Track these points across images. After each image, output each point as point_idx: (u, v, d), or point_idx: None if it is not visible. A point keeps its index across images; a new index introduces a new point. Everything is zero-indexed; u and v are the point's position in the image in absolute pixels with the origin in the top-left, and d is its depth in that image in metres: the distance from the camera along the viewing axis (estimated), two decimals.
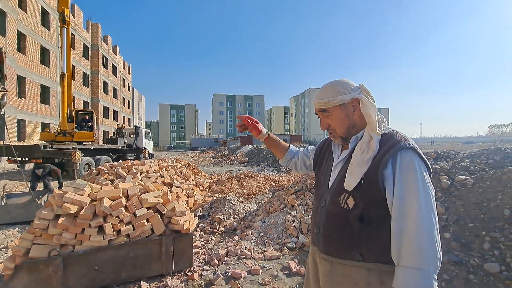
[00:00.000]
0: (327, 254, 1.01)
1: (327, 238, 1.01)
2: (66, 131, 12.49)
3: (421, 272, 0.79)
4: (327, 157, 1.16)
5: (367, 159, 0.91)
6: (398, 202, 0.85)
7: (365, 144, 0.95)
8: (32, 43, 18.47)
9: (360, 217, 0.92)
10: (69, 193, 2.62)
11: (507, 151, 4.64)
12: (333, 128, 1.04)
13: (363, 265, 0.92)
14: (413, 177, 0.85)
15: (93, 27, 29.24)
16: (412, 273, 0.80)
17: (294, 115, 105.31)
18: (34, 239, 2.41)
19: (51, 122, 19.85)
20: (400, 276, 0.82)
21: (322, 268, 1.03)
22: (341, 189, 0.97)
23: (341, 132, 1.02)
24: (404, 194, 0.85)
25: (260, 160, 16.92)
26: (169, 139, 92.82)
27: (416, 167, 0.87)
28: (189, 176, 7.87)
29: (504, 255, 2.29)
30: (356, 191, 0.92)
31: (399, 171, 0.87)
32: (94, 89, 28.96)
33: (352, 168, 0.94)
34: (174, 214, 2.89)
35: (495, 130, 69.93)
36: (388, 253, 0.88)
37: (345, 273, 0.95)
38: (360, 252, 0.93)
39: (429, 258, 0.80)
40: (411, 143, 0.90)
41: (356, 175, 0.92)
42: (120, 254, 2.57)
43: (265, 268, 2.96)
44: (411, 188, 0.84)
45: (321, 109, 1.03)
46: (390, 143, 0.91)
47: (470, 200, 2.88)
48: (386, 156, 0.88)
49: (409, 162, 0.87)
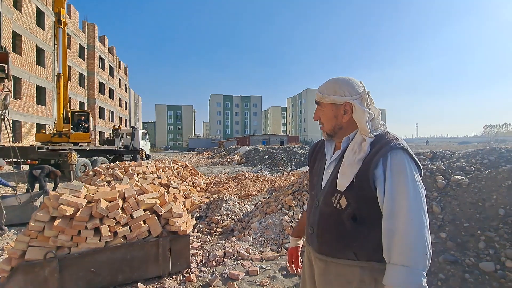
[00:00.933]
0: (321, 253, 1.02)
1: (321, 238, 1.02)
2: (62, 132, 12.39)
3: (411, 269, 0.81)
4: (319, 158, 1.17)
5: (358, 160, 0.93)
6: (389, 201, 0.87)
7: (357, 145, 0.96)
8: (28, 44, 18.32)
9: (353, 216, 0.94)
10: (65, 195, 2.60)
11: (502, 151, 4.70)
12: (322, 122, 1.08)
13: (356, 264, 0.94)
14: (403, 177, 0.87)
15: (89, 27, 29.08)
16: (401, 270, 0.82)
17: (291, 115, 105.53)
18: (30, 241, 2.39)
19: (47, 123, 19.71)
20: (390, 273, 0.84)
21: (317, 267, 1.04)
22: (333, 189, 0.98)
23: (327, 129, 1.06)
24: (395, 193, 0.87)
25: (258, 161, 16.93)
26: (166, 140, 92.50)
27: (406, 166, 0.88)
28: (186, 177, 7.85)
29: (498, 254, 2.31)
30: (348, 191, 0.93)
31: (389, 170, 0.89)
32: (90, 90, 28.79)
33: (344, 168, 0.95)
34: (171, 215, 2.88)
35: (490, 130, 70.66)
36: (380, 252, 0.90)
37: (339, 272, 0.96)
38: (353, 251, 0.94)
39: (418, 256, 0.81)
40: (402, 143, 0.91)
41: (348, 176, 0.93)
42: (116, 256, 2.56)
43: (263, 269, 2.96)
44: (401, 188, 0.86)
45: (316, 102, 1.08)
46: (380, 143, 0.92)
47: (465, 200, 2.90)
48: (377, 156, 0.90)
49: (399, 161, 0.89)
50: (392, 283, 0.83)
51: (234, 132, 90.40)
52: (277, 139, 51.07)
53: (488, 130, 71.31)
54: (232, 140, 52.15)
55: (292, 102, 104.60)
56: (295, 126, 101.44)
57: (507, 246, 2.33)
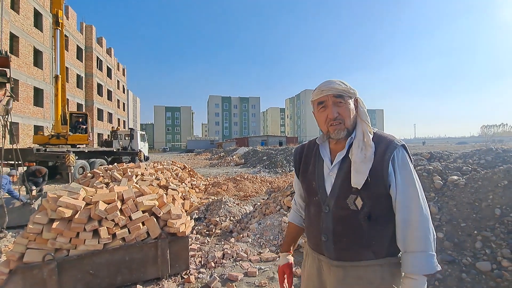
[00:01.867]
0: (339, 260, 0.99)
1: (339, 244, 0.98)
2: (60, 134, 12.35)
3: (427, 253, 0.89)
4: (313, 161, 1.12)
5: (369, 156, 0.94)
6: (401, 195, 0.94)
7: (361, 142, 0.98)
8: (25, 45, 18.27)
9: (368, 216, 0.95)
10: (64, 197, 2.60)
11: (498, 151, 4.73)
12: (342, 118, 0.99)
13: (375, 263, 0.95)
14: (409, 172, 0.95)
15: (87, 28, 29.03)
16: (420, 256, 0.89)
17: (290, 116, 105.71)
18: (28, 243, 2.38)
19: (45, 125, 19.63)
20: (410, 261, 0.90)
21: (334, 276, 1.00)
22: (346, 191, 0.97)
23: (349, 124, 1.00)
24: (405, 187, 0.94)
25: (256, 162, 16.93)
26: (164, 141, 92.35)
27: (408, 162, 0.97)
28: (185, 179, 7.84)
29: (495, 254, 2.33)
30: (363, 190, 0.94)
31: (397, 166, 0.95)
32: (88, 91, 28.72)
33: (357, 166, 0.95)
34: (170, 217, 2.88)
35: (487, 130, 71.14)
36: (394, 246, 0.96)
37: (358, 275, 0.96)
38: (372, 251, 0.95)
39: (431, 240, 0.90)
40: (401, 141, 0.99)
41: (363, 172, 0.94)
42: (115, 258, 2.55)
43: (262, 270, 2.96)
44: (409, 181, 0.94)
45: (338, 95, 0.98)
46: (385, 141, 0.97)
47: (462, 200, 2.93)
48: (388, 154, 0.94)
49: (403, 157, 0.96)
50: (413, 270, 0.89)
51: (233, 133, 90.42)
52: (276, 140, 51.13)
53: (485, 130, 71.86)
54: (231, 141, 52.17)
55: (291, 103, 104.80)
56: (293, 127, 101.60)
57: (503, 246, 2.35)
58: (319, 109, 1.03)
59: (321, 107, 1.02)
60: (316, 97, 1.02)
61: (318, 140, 1.12)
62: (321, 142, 1.10)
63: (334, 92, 0.98)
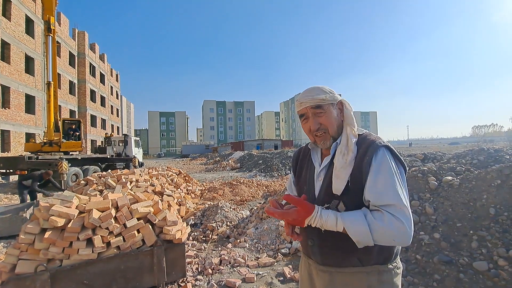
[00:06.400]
0: (325, 265, 0.99)
1: (324, 249, 0.99)
2: (52, 141, 12.17)
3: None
4: (306, 166, 1.13)
5: (349, 161, 0.94)
6: (370, 194, 0.90)
7: (344, 147, 0.97)
8: (16, 52, 18.04)
9: None
10: (56, 206, 2.54)
11: (490, 151, 4.81)
12: (325, 127, 1.00)
13: (362, 270, 0.93)
14: (384, 168, 0.89)
15: (79, 35, 28.82)
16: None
17: (285, 120, 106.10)
18: (20, 254, 2.32)
19: (36, 132, 19.31)
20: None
21: (321, 280, 1.01)
22: (329, 196, 0.97)
23: (333, 132, 1.00)
24: (382, 188, 0.88)
25: (252, 166, 16.90)
26: (159, 146, 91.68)
27: (389, 161, 0.91)
28: (181, 184, 7.78)
29: (491, 253, 2.35)
30: (345, 195, 0.94)
31: (373, 167, 0.90)
32: (81, 98, 28.41)
33: (337, 172, 0.95)
34: (165, 223, 2.84)
35: (478, 130, 72.40)
36: (383, 253, 0.93)
37: (345, 281, 0.95)
38: (357, 257, 0.94)
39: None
40: (385, 142, 0.95)
41: (343, 178, 0.93)
42: (110, 267, 2.50)
43: (260, 275, 2.94)
44: (385, 180, 0.88)
45: (316, 106, 0.99)
46: (367, 143, 0.95)
47: (457, 200, 2.95)
48: (368, 156, 0.92)
49: (383, 157, 0.91)
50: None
51: (228, 137, 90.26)
52: (271, 143, 51.17)
53: (477, 130, 73.15)
54: (226, 145, 52.02)
55: (285, 107, 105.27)
56: (288, 130, 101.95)
57: (499, 245, 2.37)
58: (302, 121, 1.05)
59: (303, 119, 1.04)
60: (297, 109, 1.05)
61: (310, 145, 1.14)
62: (313, 147, 1.12)
63: (312, 103, 0.99)
